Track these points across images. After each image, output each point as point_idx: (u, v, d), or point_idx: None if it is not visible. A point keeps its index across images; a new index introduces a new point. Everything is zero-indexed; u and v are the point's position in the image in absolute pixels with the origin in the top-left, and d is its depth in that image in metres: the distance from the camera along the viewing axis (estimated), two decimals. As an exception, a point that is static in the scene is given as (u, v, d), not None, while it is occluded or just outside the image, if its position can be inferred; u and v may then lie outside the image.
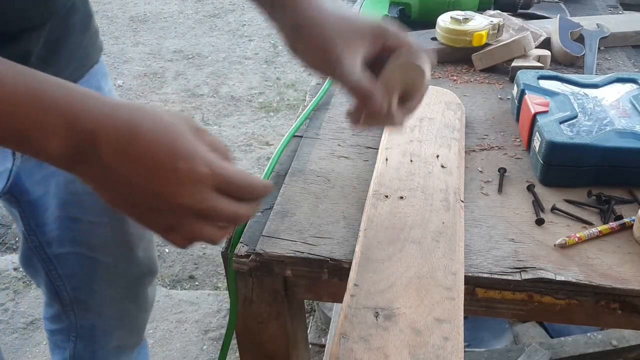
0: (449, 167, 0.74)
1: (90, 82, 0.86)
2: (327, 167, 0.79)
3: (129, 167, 0.49)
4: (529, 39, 1.02)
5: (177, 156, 0.50)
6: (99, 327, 1.03)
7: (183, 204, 0.50)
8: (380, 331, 0.53)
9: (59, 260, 0.95)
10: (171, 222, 0.52)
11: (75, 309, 1.00)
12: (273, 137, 2.74)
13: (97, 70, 0.87)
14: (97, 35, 0.88)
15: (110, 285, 0.99)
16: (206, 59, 3.46)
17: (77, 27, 0.80)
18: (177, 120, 0.52)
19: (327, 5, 0.68)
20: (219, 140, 0.55)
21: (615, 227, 0.67)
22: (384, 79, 0.65)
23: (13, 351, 1.73)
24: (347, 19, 0.67)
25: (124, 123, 0.49)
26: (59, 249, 0.93)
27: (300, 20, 0.67)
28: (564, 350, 1.38)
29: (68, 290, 0.98)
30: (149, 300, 1.08)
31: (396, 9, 1.16)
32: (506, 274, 0.62)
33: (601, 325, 0.77)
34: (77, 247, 0.93)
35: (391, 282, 0.58)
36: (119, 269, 0.98)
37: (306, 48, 0.68)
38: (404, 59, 0.64)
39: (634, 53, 1.11)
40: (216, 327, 1.80)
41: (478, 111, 0.92)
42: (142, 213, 0.52)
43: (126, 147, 0.49)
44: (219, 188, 0.51)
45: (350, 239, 0.66)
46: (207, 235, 0.53)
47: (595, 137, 0.73)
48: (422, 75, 0.65)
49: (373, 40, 0.67)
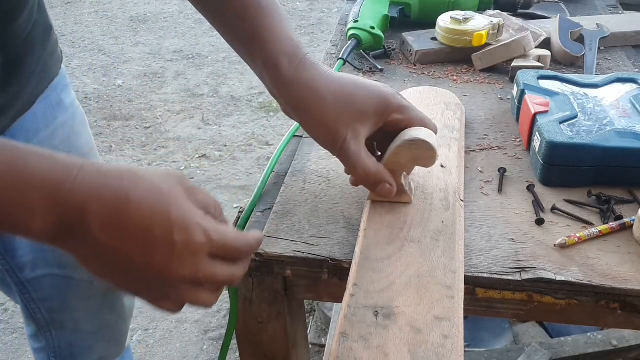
0: (448, 167, 0.74)
1: (50, 97, 0.84)
2: (327, 167, 0.79)
3: (120, 240, 0.47)
4: (529, 39, 1.02)
5: (173, 227, 0.47)
6: (78, 344, 1.00)
7: (179, 275, 0.48)
8: (379, 330, 0.53)
9: (31, 284, 0.91)
10: (165, 292, 0.50)
11: (51, 329, 0.97)
12: (273, 137, 2.74)
13: (57, 84, 0.85)
14: (56, 46, 0.85)
15: (85, 300, 0.97)
16: (206, 59, 3.46)
17: (38, 43, 0.78)
18: (169, 184, 0.49)
19: (323, 80, 0.64)
20: (210, 196, 0.53)
21: (615, 227, 0.67)
22: (391, 160, 0.65)
23: (13, 351, 1.73)
24: (347, 96, 0.64)
25: (113, 194, 0.46)
26: (32, 273, 0.90)
27: (294, 102, 0.65)
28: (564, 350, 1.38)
29: (43, 313, 0.95)
30: (126, 309, 1.05)
31: (396, 9, 1.16)
32: (506, 274, 0.62)
33: (601, 325, 0.77)
34: (50, 269, 0.90)
35: (391, 281, 0.58)
36: (94, 284, 0.95)
37: (306, 126, 0.67)
38: (410, 137, 0.64)
39: (634, 53, 1.11)
40: (216, 327, 1.80)
41: (478, 111, 0.92)
42: (133, 284, 0.50)
43: (117, 220, 0.46)
44: (214, 254, 0.50)
45: (350, 239, 0.66)
46: (202, 301, 0.52)
47: (595, 137, 0.73)
48: (430, 150, 0.64)
49: (376, 117, 0.65)
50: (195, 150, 2.66)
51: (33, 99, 0.81)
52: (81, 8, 4.20)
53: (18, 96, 0.77)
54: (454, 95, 0.90)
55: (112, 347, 1.07)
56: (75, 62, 3.44)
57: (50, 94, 0.84)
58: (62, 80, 0.87)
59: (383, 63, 1.07)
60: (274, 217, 0.70)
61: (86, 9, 4.19)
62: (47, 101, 0.83)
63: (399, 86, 0.99)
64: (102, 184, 0.47)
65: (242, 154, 2.63)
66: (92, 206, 0.46)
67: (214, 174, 2.50)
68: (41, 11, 0.79)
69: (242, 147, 2.67)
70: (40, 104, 0.82)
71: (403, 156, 0.65)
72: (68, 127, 0.88)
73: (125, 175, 0.48)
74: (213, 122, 2.87)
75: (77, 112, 0.91)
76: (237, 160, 2.59)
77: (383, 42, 1.09)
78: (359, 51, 1.08)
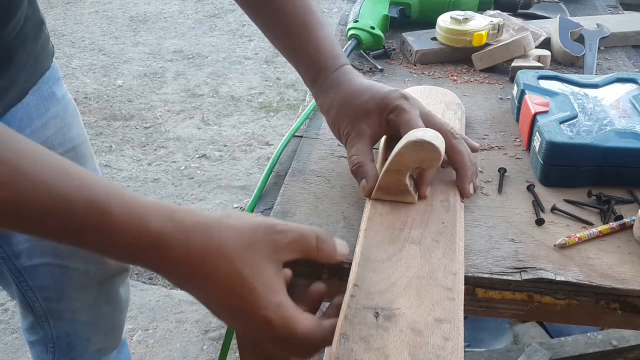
0: (449, 167, 0.74)
1: (42, 89, 0.86)
2: (327, 167, 0.79)
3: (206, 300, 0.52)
4: (529, 39, 1.02)
5: (241, 320, 0.52)
6: (75, 334, 1.01)
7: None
8: (380, 331, 0.53)
9: (28, 272, 0.93)
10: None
11: (49, 319, 0.98)
12: (273, 137, 2.74)
13: (48, 77, 0.87)
14: (47, 41, 0.87)
15: (81, 290, 0.98)
16: (206, 59, 3.46)
17: (29, 37, 0.80)
18: (252, 254, 0.51)
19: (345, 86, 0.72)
20: (301, 234, 0.55)
21: (615, 227, 0.67)
22: (395, 160, 0.65)
23: (13, 351, 1.73)
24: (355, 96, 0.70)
25: (194, 259, 0.50)
26: (28, 261, 0.91)
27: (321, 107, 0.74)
28: (564, 350, 1.38)
29: (40, 302, 0.96)
30: (123, 300, 1.06)
31: (396, 9, 1.16)
32: (506, 274, 0.62)
33: (601, 325, 0.77)
34: (46, 258, 0.92)
35: (391, 282, 0.58)
36: (89, 273, 0.96)
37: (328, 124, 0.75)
38: (415, 138, 0.64)
39: (634, 53, 1.11)
40: (216, 327, 1.80)
41: (478, 111, 0.91)
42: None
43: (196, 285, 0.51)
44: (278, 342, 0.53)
45: (350, 239, 0.66)
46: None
47: (595, 137, 0.73)
48: (435, 152, 0.64)
49: (377, 117, 0.69)
50: (195, 150, 2.66)
51: (25, 91, 0.83)
52: (81, 8, 4.19)
53: (9, 88, 0.79)
54: (454, 95, 0.90)
55: (109, 339, 1.08)
56: (75, 62, 3.44)
57: (42, 87, 0.86)
58: (53, 73, 0.89)
59: (383, 63, 1.07)
60: (274, 217, 0.70)
61: (86, 9, 4.19)
62: (39, 93, 0.85)
63: (399, 86, 0.98)
64: (186, 240, 0.50)
65: (242, 154, 2.62)
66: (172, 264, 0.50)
67: (214, 174, 2.50)
68: (33, 6, 0.80)
69: (242, 147, 2.67)
70: (32, 96, 0.84)
71: (407, 157, 0.65)
72: (60, 118, 0.90)
73: (211, 240, 0.50)
74: (213, 122, 2.87)
75: (69, 105, 0.93)
76: (237, 160, 2.59)
77: (383, 42, 1.09)
78: (359, 51, 1.08)
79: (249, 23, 3.93)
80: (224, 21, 3.97)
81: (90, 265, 0.96)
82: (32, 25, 0.80)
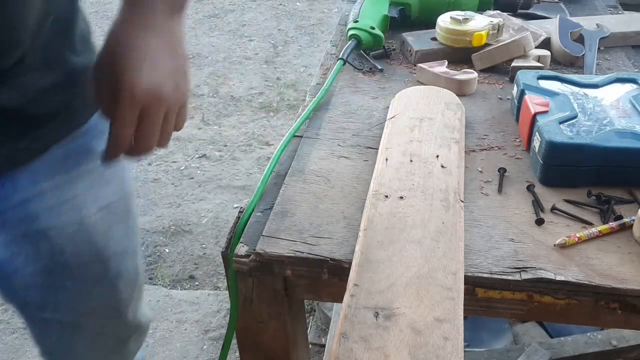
0: (448, 167, 0.74)
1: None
2: (327, 167, 0.79)
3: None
4: (529, 39, 1.02)
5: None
6: None
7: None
8: (380, 331, 0.53)
9: (33, 323, 0.87)
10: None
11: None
12: (273, 137, 2.74)
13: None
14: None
15: (93, 349, 0.91)
16: (206, 59, 3.46)
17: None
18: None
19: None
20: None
21: (615, 227, 0.67)
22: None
23: (13, 351, 1.73)
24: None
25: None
26: (39, 313, 0.84)
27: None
28: (564, 350, 1.38)
29: (42, 354, 0.91)
30: (132, 352, 0.99)
31: (396, 9, 1.16)
32: (506, 274, 0.62)
33: (601, 325, 0.77)
34: (60, 314, 0.84)
35: (391, 282, 0.58)
36: (105, 333, 0.90)
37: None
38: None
39: (633, 53, 1.11)
40: (216, 327, 1.80)
41: (478, 111, 0.92)
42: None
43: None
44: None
45: (350, 239, 0.66)
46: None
47: (595, 137, 0.73)
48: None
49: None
50: (195, 150, 2.66)
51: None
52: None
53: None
54: (454, 95, 0.90)
55: None
56: (75, 62, 3.43)
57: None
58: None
59: (383, 63, 1.07)
60: (274, 217, 0.70)
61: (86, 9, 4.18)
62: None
63: (399, 86, 0.99)
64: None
65: (242, 154, 2.62)
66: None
67: (214, 174, 2.50)
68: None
69: (242, 147, 2.67)
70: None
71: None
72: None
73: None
74: (213, 122, 2.87)
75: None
76: (237, 160, 2.59)
77: (383, 42, 1.09)
78: (359, 51, 1.08)
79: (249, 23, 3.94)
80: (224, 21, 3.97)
81: (107, 325, 0.89)
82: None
